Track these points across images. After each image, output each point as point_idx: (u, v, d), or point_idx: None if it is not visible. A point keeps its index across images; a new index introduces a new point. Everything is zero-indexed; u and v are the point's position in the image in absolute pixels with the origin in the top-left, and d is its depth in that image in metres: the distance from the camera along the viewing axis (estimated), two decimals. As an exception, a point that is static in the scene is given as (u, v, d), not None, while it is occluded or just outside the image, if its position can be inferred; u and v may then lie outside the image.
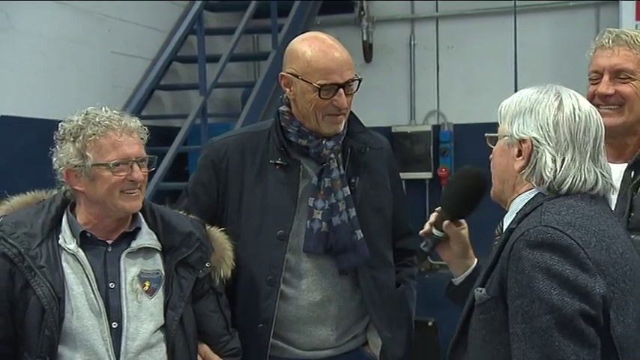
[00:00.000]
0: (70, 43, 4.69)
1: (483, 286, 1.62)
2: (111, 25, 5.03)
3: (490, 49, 6.16)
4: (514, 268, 1.52)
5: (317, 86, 2.15)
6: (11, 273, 1.93)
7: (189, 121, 4.69)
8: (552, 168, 1.61)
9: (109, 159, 1.98)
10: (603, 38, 2.19)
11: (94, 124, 1.97)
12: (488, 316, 1.58)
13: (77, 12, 4.76)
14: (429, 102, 6.50)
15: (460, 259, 2.04)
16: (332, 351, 2.29)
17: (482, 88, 6.15)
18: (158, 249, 2.08)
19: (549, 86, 1.71)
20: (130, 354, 1.97)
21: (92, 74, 4.79)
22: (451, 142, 6.37)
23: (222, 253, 2.17)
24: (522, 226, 1.57)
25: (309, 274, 2.24)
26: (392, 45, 6.58)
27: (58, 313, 1.91)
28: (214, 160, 2.31)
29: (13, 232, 1.96)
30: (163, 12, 5.57)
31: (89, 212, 2.02)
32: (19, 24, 4.33)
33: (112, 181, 1.97)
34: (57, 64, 4.56)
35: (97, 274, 1.98)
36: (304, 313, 2.24)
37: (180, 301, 2.05)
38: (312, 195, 2.23)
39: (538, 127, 1.65)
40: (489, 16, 6.26)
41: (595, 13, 6.02)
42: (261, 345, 2.22)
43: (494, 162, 1.77)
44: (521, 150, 1.67)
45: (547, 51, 5.99)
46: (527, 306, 1.48)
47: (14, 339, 1.93)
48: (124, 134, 2.00)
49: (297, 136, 2.24)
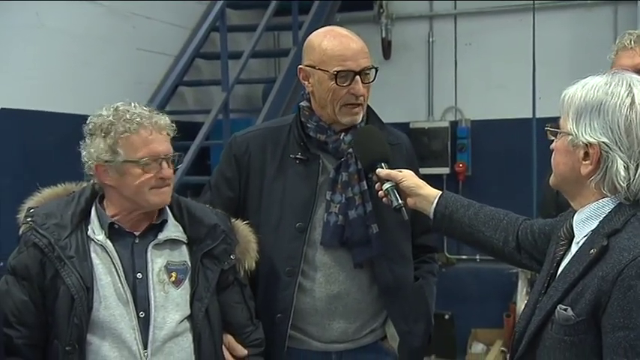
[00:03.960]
0: (97, 40, 4.73)
1: (563, 301, 1.50)
2: (136, 23, 5.06)
3: (508, 46, 6.14)
4: (621, 296, 1.40)
5: (333, 73, 2.15)
6: (42, 262, 1.94)
7: (211, 117, 4.71)
8: (625, 176, 1.49)
9: (140, 156, 1.98)
10: (625, 40, 2.19)
11: (125, 120, 1.97)
12: (575, 338, 1.47)
13: (103, 10, 4.79)
14: (447, 98, 6.50)
15: (419, 197, 2.08)
16: (350, 344, 2.28)
17: (500, 84, 6.16)
18: (184, 241, 2.08)
19: (619, 77, 1.55)
20: (157, 343, 1.97)
21: (118, 70, 4.81)
22: (468, 138, 6.37)
23: (246, 246, 2.17)
24: (625, 246, 1.43)
25: (327, 266, 2.24)
26: (410, 42, 6.58)
27: (86, 302, 1.91)
28: (236, 154, 2.31)
29: (43, 222, 1.97)
30: (187, 9, 5.59)
31: (118, 205, 2.03)
32: (49, 22, 4.36)
33: (142, 179, 1.98)
34: (84, 61, 4.60)
35: (124, 265, 1.98)
36: (322, 305, 2.24)
37: (206, 292, 2.05)
38: (330, 189, 2.23)
39: (608, 130, 1.50)
40: (507, 14, 6.24)
41: (613, 10, 5.99)
42: (280, 335, 2.23)
43: (556, 158, 1.62)
44: (589, 153, 1.52)
45: (565, 48, 5.95)
46: (634, 340, 1.38)
47: (45, 326, 1.94)
48: (155, 132, 2.00)
49: (315, 131, 2.25)
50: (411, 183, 2.09)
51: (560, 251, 1.65)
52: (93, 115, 2.03)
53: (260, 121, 4.62)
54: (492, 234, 1.99)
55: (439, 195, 2.07)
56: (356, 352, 2.29)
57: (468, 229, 2.02)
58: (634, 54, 2.15)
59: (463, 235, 2.05)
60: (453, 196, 2.09)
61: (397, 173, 2.10)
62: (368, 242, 2.22)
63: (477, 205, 2.05)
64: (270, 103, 5.00)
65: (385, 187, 2.09)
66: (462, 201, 2.06)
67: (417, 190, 2.08)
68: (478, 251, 3.20)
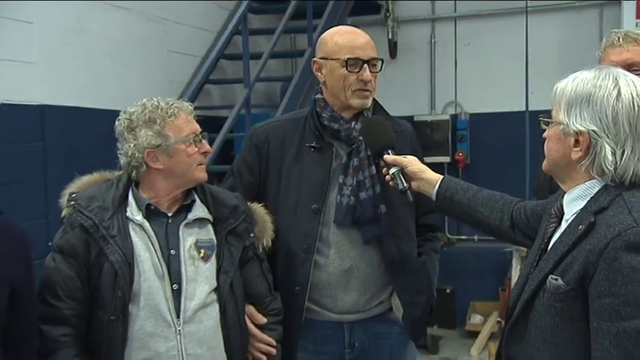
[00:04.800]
0: (133, 43, 4.74)
1: (554, 272, 1.50)
2: (167, 28, 5.06)
3: (503, 46, 6.11)
4: (607, 266, 1.39)
5: (344, 60, 2.17)
6: (87, 242, 1.95)
7: (234, 112, 4.71)
8: (613, 161, 1.48)
9: (186, 134, 2.01)
10: (612, 37, 2.17)
11: (163, 109, 2.00)
12: (565, 305, 1.47)
13: (138, 16, 4.79)
14: (448, 94, 6.48)
15: (422, 181, 2.08)
16: (360, 315, 2.28)
17: (496, 81, 6.12)
18: (210, 220, 2.09)
19: (606, 71, 1.54)
20: (189, 312, 1.98)
21: (151, 70, 4.82)
22: (467, 130, 6.35)
23: (263, 225, 2.18)
24: (612, 222, 1.43)
25: (339, 244, 2.24)
26: (414, 43, 6.56)
27: (128, 276, 1.93)
28: (257, 143, 2.32)
29: (88, 205, 1.99)
30: (212, 15, 5.58)
31: (157, 188, 2.04)
32: (89, 26, 4.37)
33: (191, 154, 2.01)
34: (121, 62, 4.60)
35: (160, 242, 1.99)
36: (335, 279, 2.24)
37: (230, 266, 2.06)
38: (342, 173, 2.23)
39: (596, 119, 1.49)
40: (502, 17, 6.21)
41: (599, 12, 5.95)
42: (298, 307, 2.23)
43: (549, 146, 1.61)
44: (579, 141, 1.51)
45: (555, 47, 5.91)
46: (618, 306, 1.37)
47: (90, 300, 1.96)
48: (188, 114, 2.05)
49: (329, 120, 2.25)
50: (415, 168, 2.09)
51: (551, 228, 1.65)
52: (122, 114, 2.04)
53: (278, 115, 4.61)
54: (489, 214, 2.00)
55: (441, 179, 2.07)
56: (365, 322, 2.30)
57: (467, 209, 2.02)
58: (622, 50, 2.13)
59: (462, 215, 2.05)
60: (453, 180, 2.09)
61: (402, 159, 2.10)
62: (377, 221, 2.22)
63: (475, 188, 2.06)
64: (288, 99, 4.99)
65: (392, 172, 2.09)
66: (461, 184, 2.07)
67: (421, 175, 2.09)
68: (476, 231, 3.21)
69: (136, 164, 2.00)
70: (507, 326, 1.64)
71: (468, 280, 6.00)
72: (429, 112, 6.54)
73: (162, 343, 1.95)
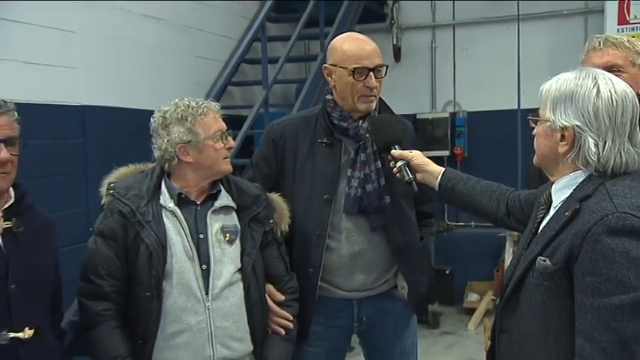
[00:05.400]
0: (163, 49, 4.76)
1: (543, 253, 1.50)
2: (193, 35, 5.06)
3: (497, 50, 6.08)
4: (590, 248, 1.39)
5: (351, 69, 2.15)
6: (124, 226, 1.97)
7: (254, 111, 4.71)
8: (595, 152, 1.47)
9: (214, 132, 2.02)
10: (594, 42, 2.16)
11: (193, 108, 2.01)
12: (552, 283, 1.47)
13: (168, 25, 4.81)
14: (447, 93, 6.45)
15: (426, 173, 2.08)
16: (368, 292, 2.29)
17: (491, 82, 6.09)
18: (234, 207, 2.09)
19: (586, 71, 1.54)
20: (216, 290, 1.99)
21: (180, 74, 4.83)
22: (465, 126, 6.32)
23: (281, 212, 2.19)
24: (595, 209, 1.42)
25: (348, 230, 2.24)
26: (416, 48, 6.52)
27: (162, 257, 1.94)
28: (274, 138, 2.31)
29: (125, 193, 2.00)
30: (234, 23, 5.58)
31: (187, 179, 2.04)
32: (124, 35, 4.39)
33: (218, 149, 2.02)
34: (153, 67, 4.62)
35: (190, 227, 2.00)
36: (345, 261, 2.24)
37: (252, 249, 2.07)
38: (350, 167, 2.22)
39: (579, 115, 1.48)
40: (497, 24, 6.16)
41: (584, 20, 5.93)
42: (312, 286, 2.23)
43: (538, 141, 1.60)
44: (565, 136, 1.51)
45: (544, 51, 5.86)
46: (600, 284, 1.37)
47: (128, 278, 1.97)
48: (215, 113, 2.05)
49: (339, 119, 2.24)
50: (420, 161, 2.09)
51: (541, 214, 1.64)
52: (157, 112, 2.05)
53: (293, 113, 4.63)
54: (487, 202, 2.00)
55: (443, 171, 2.07)
56: (373, 299, 2.30)
57: (467, 198, 2.02)
58: (603, 54, 2.12)
59: (462, 204, 2.05)
60: (454, 172, 2.09)
61: (408, 153, 2.10)
62: (382, 210, 2.22)
63: (474, 179, 2.06)
64: (302, 99, 4.98)
65: (398, 165, 2.09)
66: (461, 176, 2.07)
67: (425, 167, 2.09)
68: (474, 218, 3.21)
69: (168, 157, 2.02)
70: (501, 303, 1.64)
71: (466, 262, 5.99)
72: (430, 111, 6.51)
73: (193, 317, 1.96)
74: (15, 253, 1.74)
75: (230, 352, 2.01)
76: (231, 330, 2.01)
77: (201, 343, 1.97)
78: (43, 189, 1.96)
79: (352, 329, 2.35)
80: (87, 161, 4.03)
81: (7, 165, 1.73)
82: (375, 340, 2.38)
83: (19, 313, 1.70)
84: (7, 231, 1.75)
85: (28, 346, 1.71)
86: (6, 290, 1.69)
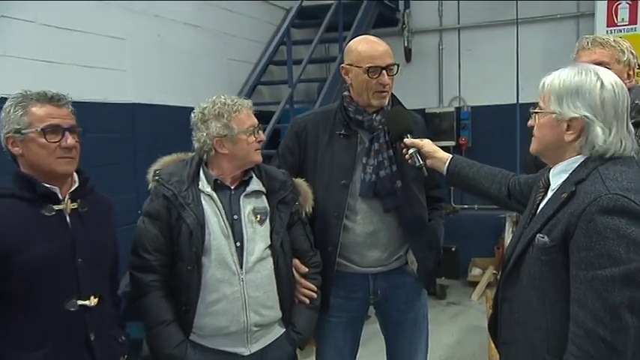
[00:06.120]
0: (201, 53, 4.76)
1: (541, 231, 1.48)
2: (227, 40, 5.06)
3: (498, 50, 5.99)
4: (584, 226, 1.38)
5: (366, 68, 2.14)
6: (168, 208, 1.97)
7: (280, 107, 4.70)
8: (604, 139, 1.44)
9: (247, 127, 2.01)
10: (583, 42, 2.13)
11: (229, 105, 2.00)
12: (550, 257, 1.45)
13: (204, 32, 4.81)
14: (453, 90, 6.38)
15: (435, 159, 2.06)
16: (382, 268, 2.28)
17: (492, 79, 6.01)
18: (264, 192, 2.09)
19: (586, 66, 1.51)
20: (249, 264, 1.99)
21: (215, 75, 4.84)
22: (469, 119, 6.26)
23: (306, 195, 2.19)
24: (589, 191, 1.40)
25: (364, 212, 2.23)
26: (425, 49, 6.46)
27: (201, 235, 1.94)
28: (297, 131, 2.31)
29: (169, 179, 2.01)
30: (262, 29, 5.56)
31: (223, 167, 2.04)
32: (167, 41, 4.41)
33: (251, 142, 2.02)
34: (192, 68, 4.63)
35: (225, 209, 2.00)
36: (361, 240, 2.23)
37: (280, 228, 2.06)
38: (365, 155, 2.21)
39: (588, 106, 1.45)
40: (498, 27, 6.07)
41: (576, 23, 5.83)
42: (330, 262, 2.22)
43: (541, 132, 1.55)
44: (571, 126, 1.47)
45: (540, 51, 5.75)
46: (593, 258, 1.36)
47: (172, 253, 1.98)
48: (249, 110, 2.05)
49: (355, 113, 2.23)
50: (430, 149, 2.08)
51: (540, 196, 1.62)
52: (197, 108, 2.04)
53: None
54: (490, 185, 1.98)
55: (450, 157, 2.06)
56: (386, 274, 2.29)
57: (472, 182, 2.01)
58: (591, 52, 2.09)
59: (468, 187, 2.03)
60: (460, 158, 2.08)
61: (419, 141, 2.09)
62: (394, 193, 2.21)
63: (478, 164, 2.04)
64: (323, 96, 4.96)
65: (410, 152, 2.08)
66: (467, 161, 2.05)
67: (434, 154, 2.07)
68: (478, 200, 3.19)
69: (206, 149, 2.02)
70: (503, 275, 1.63)
71: (469, 241, 5.95)
72: (437, 106, 6.45)
73: (229, 288, 1.97)
74: (80, 230, 1.75)
75: (261, 318, 2.02)
76: (262, 299, 2.01)
77: (237, 311, 1.98)
78: (99, 177, 1.98)
79: (369, 301, 2.34)
80: (135, 152, 4.06)
81: (72, 151, 1.74)
82: (389, 312, 2.37)
83: (86, 283, 1.72)
84: (74, 211, 1.76)
85: (92, 313, 1.73)
86: (74, 263, 1.71)
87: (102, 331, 1.76)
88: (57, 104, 1.73)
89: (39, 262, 1.64)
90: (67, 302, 1.68)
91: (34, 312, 1.64)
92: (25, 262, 1.62)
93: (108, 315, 1.84)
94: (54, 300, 1.67)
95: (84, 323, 1.72)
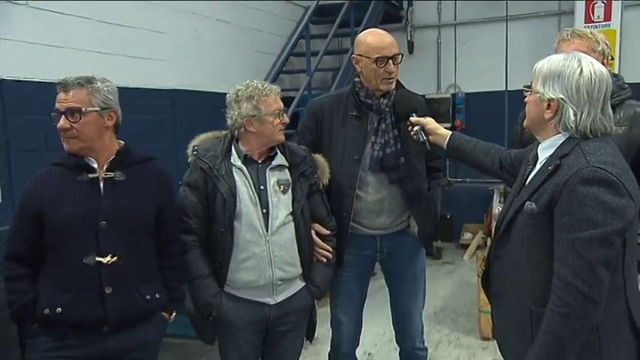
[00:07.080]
0: (232, 46, 4.73)
1: (530, 199, 1.46)
2: (254, 35, 5.01)
3: (489, 44, 5.86)
4: (567, 195, 1.36)
5: (374, 58, 2.11)
6: (205, 179, 1.97)
7: (299, 93, 4.66)
8: (574, 120, 1.42)
9: (273, 110, 1.98)
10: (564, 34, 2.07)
11: (259, 89, 1.97)
12: (537, 222, 1.44)
13: (234, 27, 4.77)
14: (449, 78, 6.28)
15: (437, 135, 2.03)
16: (387, 230, 2.27)
17: (484, 69, 5.90)
18: (287, 165, 2.07)
19: (572, 54, 1.47)
20: (274, 228, 1.98)
21: (243, 65, 4.79)
22: (463, 104, 6.17)
23: (323, 169, 2.17)
24: (572, 164, 1.39)
25: (372, 183, 2.22)
26: (426, 42, 6.34)
27: (233, 202, 1.94)
28: (314, 112, 2.28)
29: (205, 154, 2.00)
30: (284, 25, 5.49)
31: (251, 144, 2.02)
32: (203, 35, 4.38)
33: (275, 124, 1.99)
34: (224, 60, 4.60)
35: (253, 180, 1.98)
36: (370, 207, 2.23)
37: (301, 197, 2.05)
38: (374, 134, 2.19)
39: (564, 89, 1.43)
40: (489, 23, 5.94)
41: (557, 19, 5.71)
42: (345, 226, 2.22)
43: (529, 108, 1.53)
44: (550, 105, 1.46)
45: (526, 45, 5.62)
46: (574, 222, 1.34)
47: (208, 218, 1.98)
48: (276, 95, 2.01)
49: (365, 97, 2.20)
50: (432, 126, 2.05)
51: (529, 169, 1.60)
52: (232, 89, 2.01)
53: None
54: (484, 158, 1.95)
55: (450, 134, 2.03)
56: (391, 235, 2.29)
57: (469, 155, 1.98)
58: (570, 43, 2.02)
59: (465, 160, 2.00)
60: (459, 134, 2.05)
61: (423, 119, 2.06)
62: (398, 168, 2.20)
63: (474, 140, 2.01)
64: (336, 83, 4.93)
65: (415, 129, 2.05)
66: (465, 137, 2.02)
67: (436, 131, 2.04)
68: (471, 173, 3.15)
69: (237, 126, 2.00)
70: (496, 237, 1.62)
71: (462, 209, 5.93)
72: (436, 92, 6.36)
73: (257, 248, 1.97)
74: (111, 196, 1.73)
75: (285, 274, 2.02)
76: (285, 257, 2.01)
77: (264, 267, 1.98)
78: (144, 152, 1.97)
79: (375, 258, 2.34)
80: (176, 132, 4.06)
81: (68, 132, 1.71)
82: (393, 267, 2.37)
83: (106, 243, 1.71)
84: (109, 179, 1.76)
85: (108, 268, 1.71)
86: (96, 225, 1.71)
87: (122, 287, 1.72)
88: (64, 89, 1.71)
89: (63, 221, 1.67)
90: (86, 258, 1.69)
91: (60, 262, 1.69)
92: (52, 220, 1.68)
93: (137, 273, 1.76)
94: (76, 254, 1.68)
95: (99, 277, 1.70)
